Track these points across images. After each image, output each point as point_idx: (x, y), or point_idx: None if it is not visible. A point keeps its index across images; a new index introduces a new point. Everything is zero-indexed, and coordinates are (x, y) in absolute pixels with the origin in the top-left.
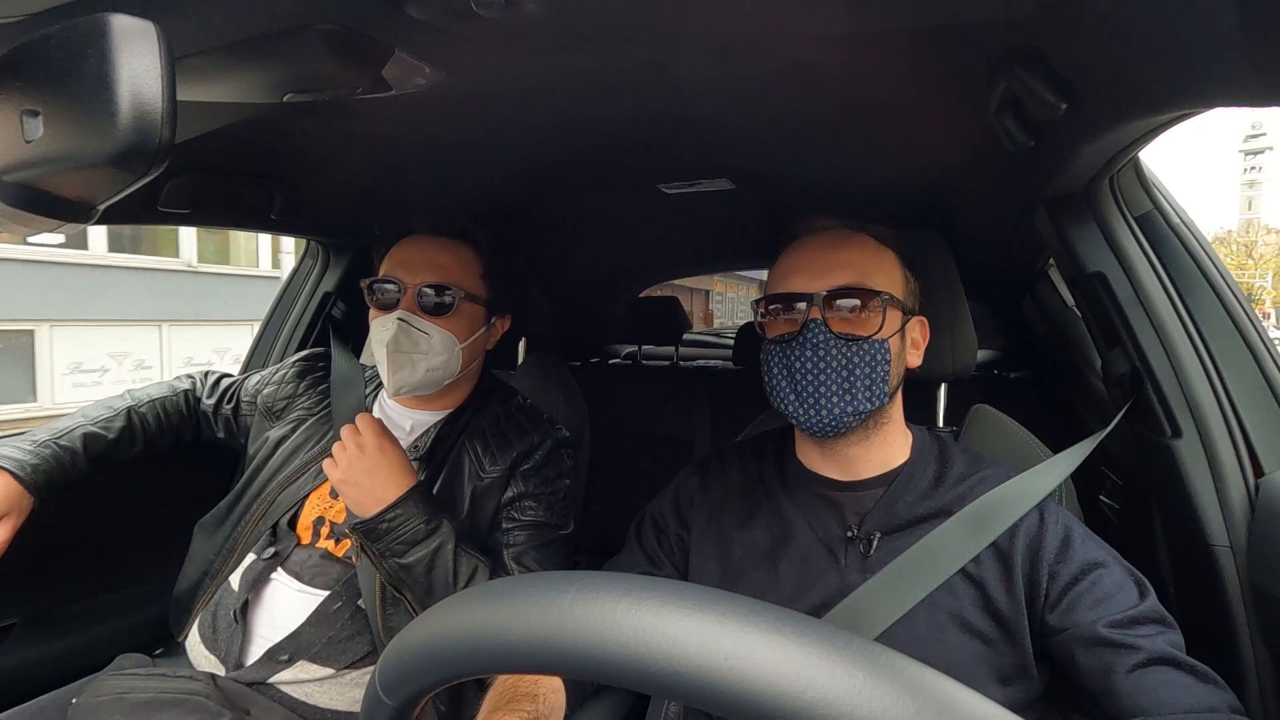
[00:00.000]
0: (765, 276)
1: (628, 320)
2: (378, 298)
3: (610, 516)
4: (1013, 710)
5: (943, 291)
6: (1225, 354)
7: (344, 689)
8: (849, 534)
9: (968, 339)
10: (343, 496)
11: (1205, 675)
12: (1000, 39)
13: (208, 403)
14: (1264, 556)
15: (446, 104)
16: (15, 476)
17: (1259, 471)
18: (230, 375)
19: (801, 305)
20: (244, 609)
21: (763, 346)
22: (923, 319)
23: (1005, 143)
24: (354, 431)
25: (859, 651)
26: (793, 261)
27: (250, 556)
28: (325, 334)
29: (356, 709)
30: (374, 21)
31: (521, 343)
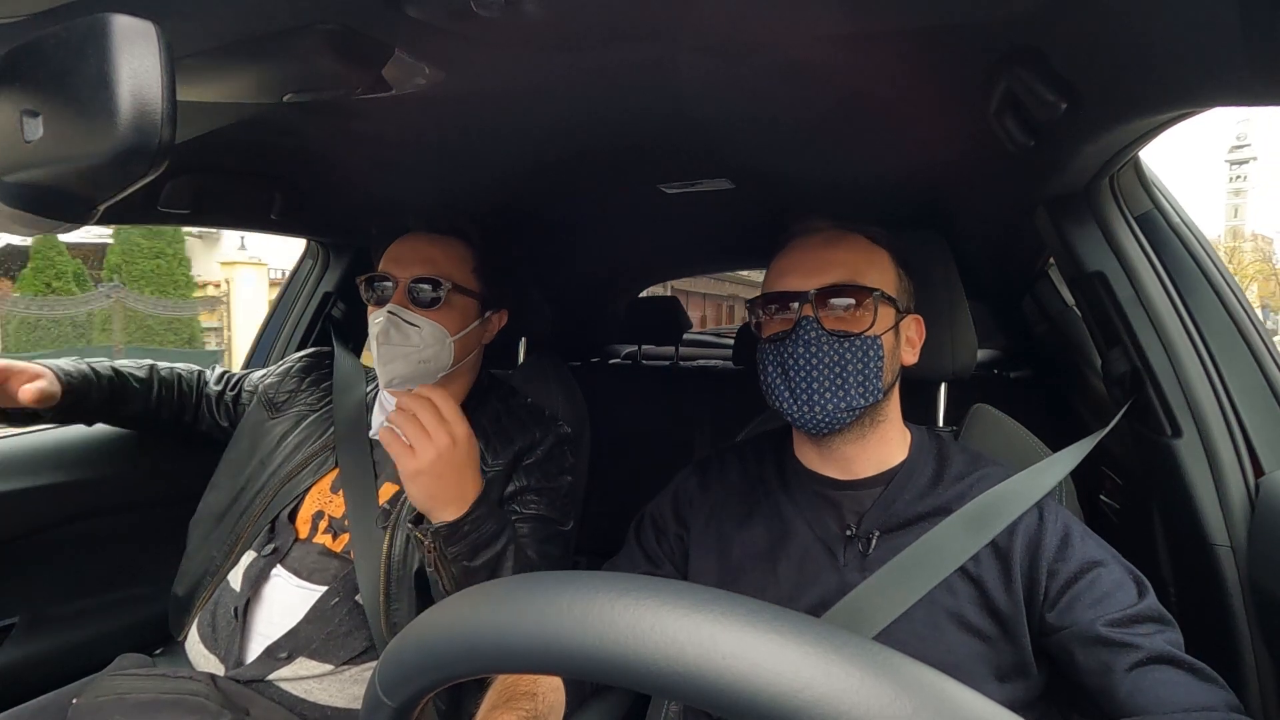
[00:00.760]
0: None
1: (628, 320)
2: (372, 294)
3: (610, 516)
4: (1012, 709)
5: (942, 291)
6: (1225, 354)
7: (343, 686)
8: (848, 533)
9: (968, 338)
10: (415, 491)
11: (1204, 674)
12: (1000, 39)
13: (214, 388)
14: (1264, 556)
15: (446, 104)
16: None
17: (1259, 471)
18: (236, 372)
19: (794, 304)
20: (245, 607)
21: (758, 346)
22: (918, 317)
23: (1005, 143)
24: (437, 416)
25: (857, 650)
26: (787, 261)
27: (250, 554)
28: (325, 334)
29: (356, 706)
30: (374, 21)
31: (521, 342)
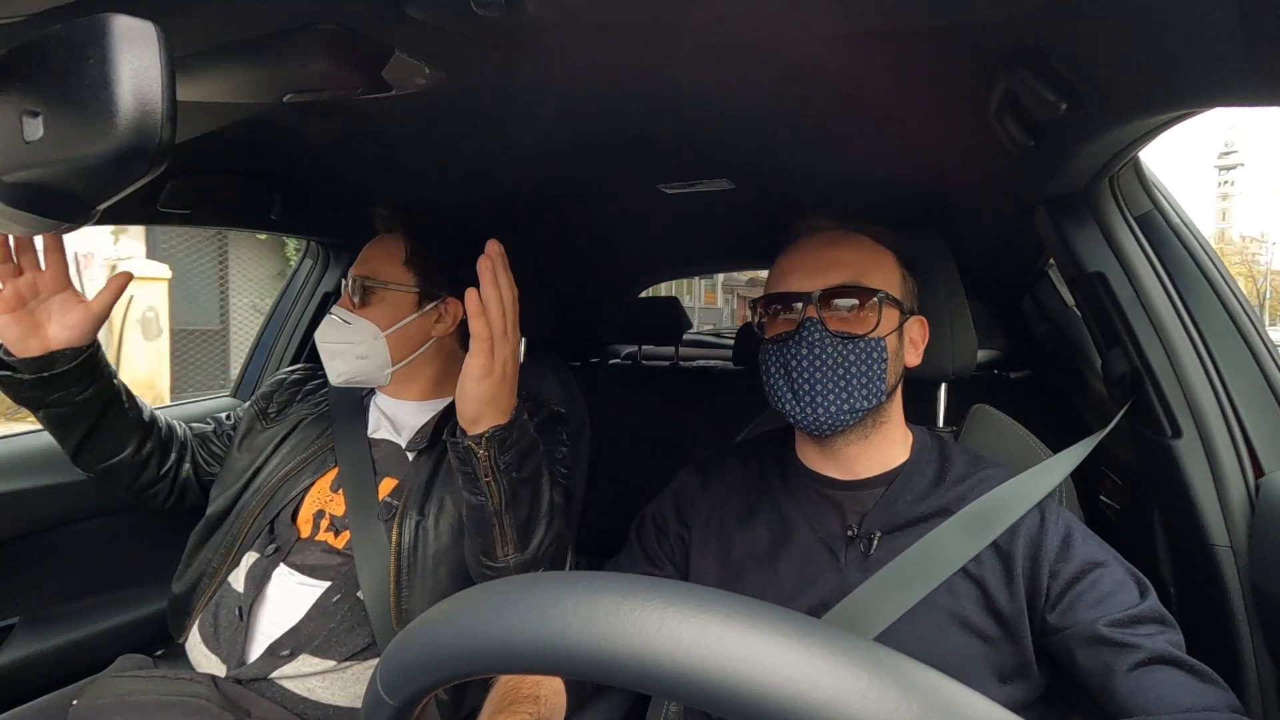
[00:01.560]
0: None
1: (628, 320)
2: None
3: (610, 516)
4: (1013, 710)
5: (943, 291)
6: (1225, 354)
7: (345, 683)
8: (849, 533)
9: (968, 339)
10: (481, 391)
11: (1205, 675)
12: (1000, 39)
13: (201, 428)
14: (1264, 556)
15: (446, 104)
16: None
17: (1259, 471)
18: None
19: (798, 304)
20: (248, 607)
21: (761, 346)
22: (921, 318)
23: (1005, 143)
24: (515, 313)
25: (865, 653)
26: (790, 261)
27: (252, 555)
28: None
29: (357, 705)
30: (374, 21)
31: (521, 342)
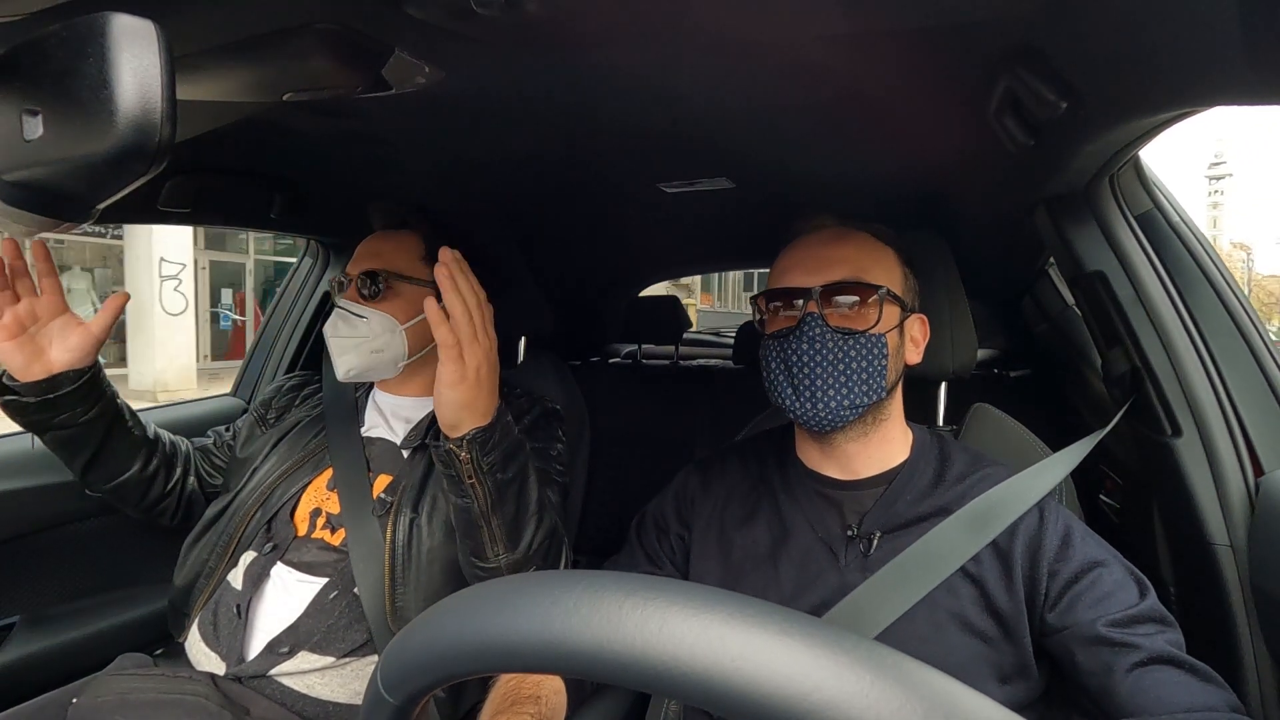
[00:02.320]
0: None
1: (628, 320)
2: (334, 296)
3: (610, 516)
4: (1013, 710)
5: (943, 290)
6: (1225, 353)
7: (344, 680)
8: (849, 533)
9: (968, 338)
10: (456, 397)
11: (1205, 674)
12: (1000, 39)
13: (203, 442)
14: (1264, 556)
15: (446, 104)
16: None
17: (1259, 471)
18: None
19: (799, 300)
20: (247, 604)
21: (761, 343)
22: (922, 317)
23: (1005, 142)
24: (483, 315)
25: (867, 654)
26: (791, 258)
27: (250, 554)
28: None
29: (357, 701)
30: (374, 21)
31: (521, 342)
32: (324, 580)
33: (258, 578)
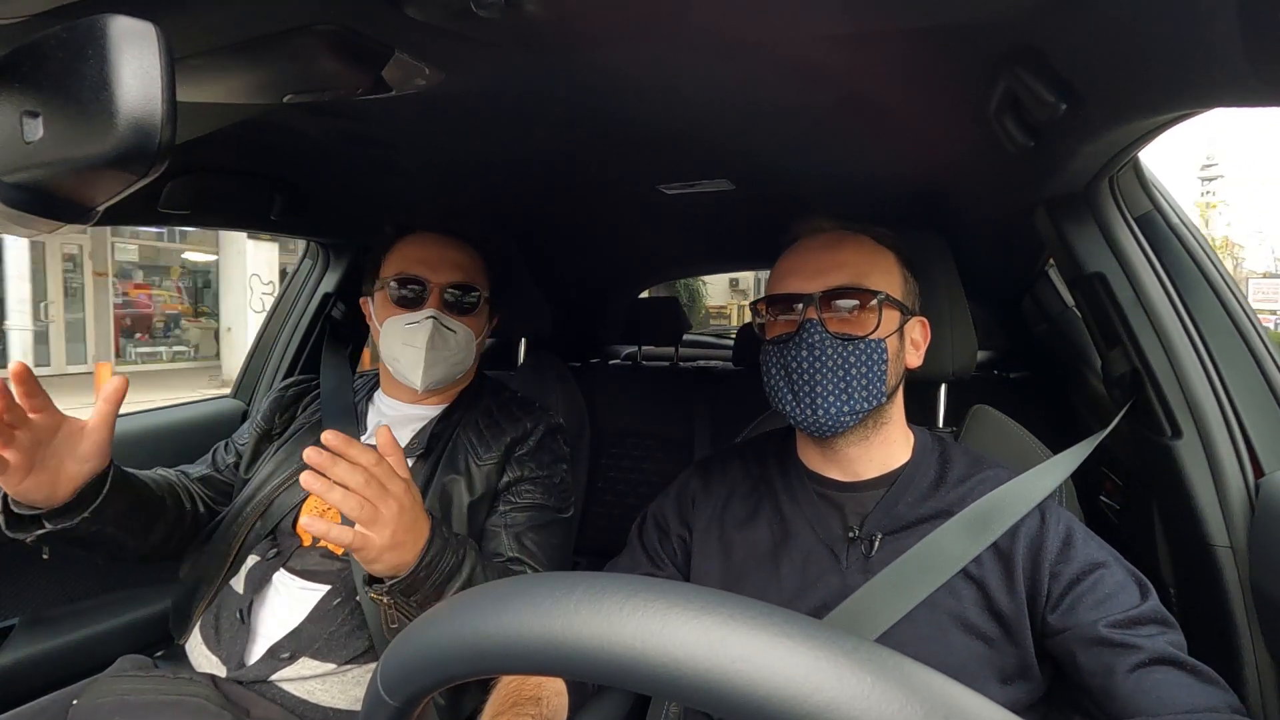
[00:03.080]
0: None
1: (628, 321)
2: (401, 295)
3: (610, 517)
4: (1014, 711)
5: (943, 291)
6: (1225, 354)
7: (345, 686)
8: (850, 535)
9: (968, 339)
10: (371, 553)
11: (1206, 675)
12: (1000, 39)
13: (201, 472)
14: (1264, 556)
15: (446, 104)
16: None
17: (1259, 471)
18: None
19: (798, 306)
20: (248, 609)
21: (761, 348)
22: (923, 319)
23: (1005, 143)
24: (388, 469)
25: (868, 655)
26: (791, 263)
27: (253, 558)
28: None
29: (357, 707)
30: (374, 21)
31: (521, 343)
32: (327, 587)
33: (259, 583)
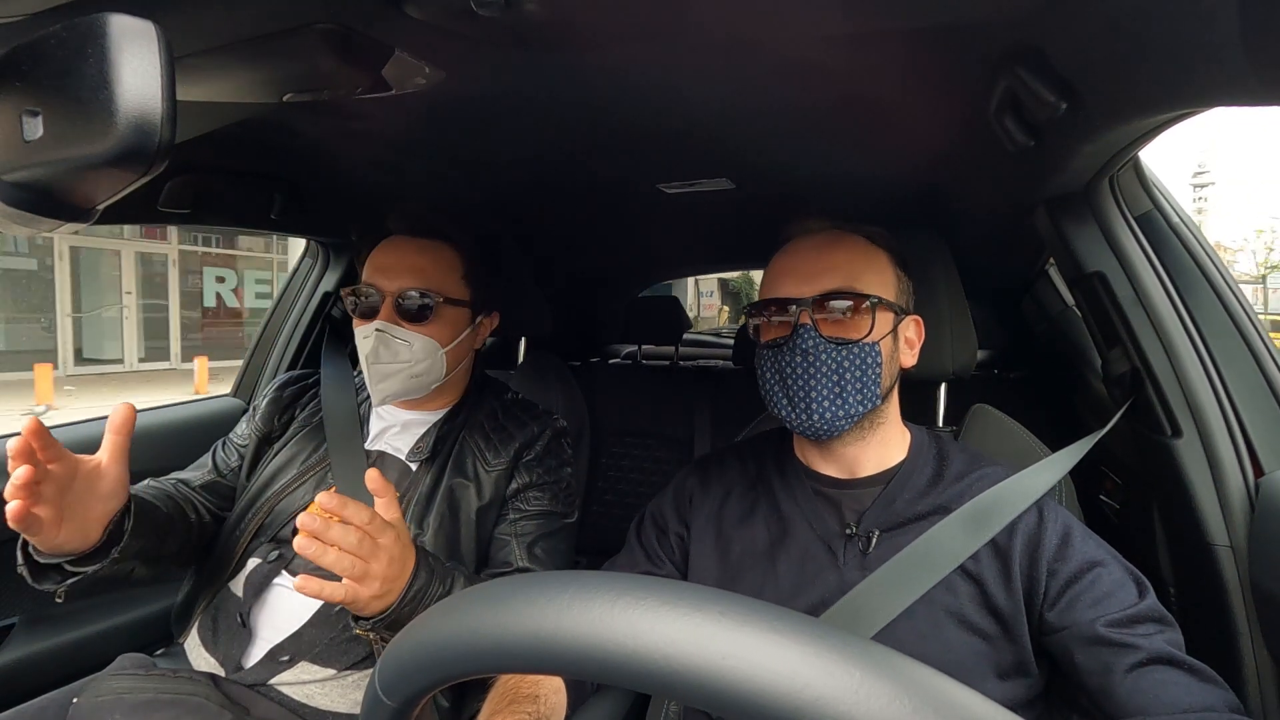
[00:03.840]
0: None
1: (628, 320)
2: (358, 306)
3: (610, 516)
4: (1011, 708)
5: (942, 291)
6: (1225, 354)
7: (345, 691)
8: (848, 531)
9: (968, 339)
10: (368, 608)
11: (1205, 674)
12: (1000, 39)
13: (203, 479)
14: (1264, 556)
15: (446, 104)
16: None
17: (1259, 471)
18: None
19: (792, 309)
20: (248, 612)
21: (756, 351)
22: (917, 318)
23: (1005, 143)
24: (380, 523)
25: (856, 650)
26: (784, 265)
27: (254, 561)
28: (325, 333)
29: (357, 711)
30: (374, 21)
31: (521, 343)
32: None
33: (260, 586)
